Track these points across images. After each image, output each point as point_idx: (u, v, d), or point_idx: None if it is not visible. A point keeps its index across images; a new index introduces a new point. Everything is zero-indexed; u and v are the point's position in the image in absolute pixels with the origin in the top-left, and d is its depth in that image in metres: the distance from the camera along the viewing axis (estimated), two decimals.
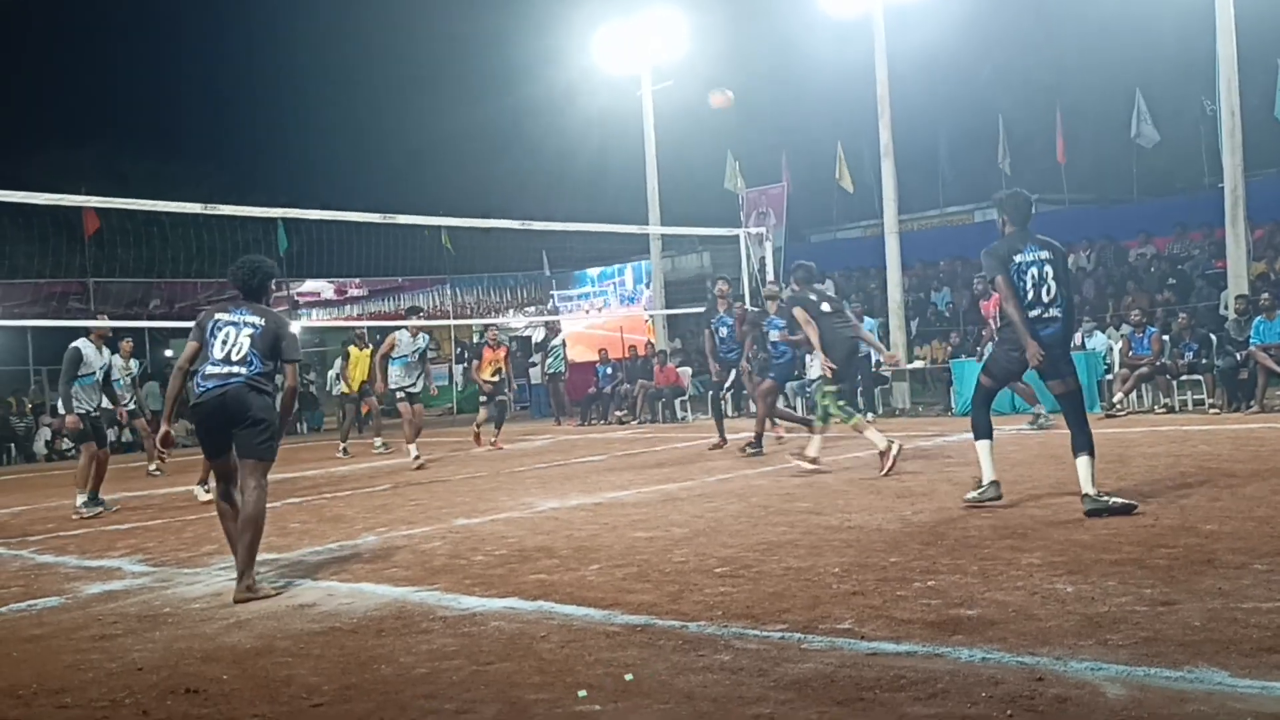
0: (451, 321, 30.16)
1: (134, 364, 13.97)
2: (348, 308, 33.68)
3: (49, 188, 10.54)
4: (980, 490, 6.86)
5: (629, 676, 3.52)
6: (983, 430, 6.90)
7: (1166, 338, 14.71)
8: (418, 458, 12.49)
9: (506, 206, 26.22)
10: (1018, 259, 6.75)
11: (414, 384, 12.85)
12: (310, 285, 30.95)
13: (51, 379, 24.08)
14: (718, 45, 26.15)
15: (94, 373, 10.11)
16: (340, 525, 8.06)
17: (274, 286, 6.36)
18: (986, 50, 31.29)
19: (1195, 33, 17.80)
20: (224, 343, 5.81)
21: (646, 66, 22.56)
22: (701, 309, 14.53)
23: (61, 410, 10.12)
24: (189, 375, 5.98)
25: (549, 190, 37.93)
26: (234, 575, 5.60)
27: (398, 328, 13.07)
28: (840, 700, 3.35)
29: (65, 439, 10.23)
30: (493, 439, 15.11)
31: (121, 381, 12.85)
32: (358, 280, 31.13)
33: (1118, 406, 13.92)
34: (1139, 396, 14.54)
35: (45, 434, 21.64)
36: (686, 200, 25.87)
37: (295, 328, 11.17)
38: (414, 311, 14.05)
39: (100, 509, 9.93)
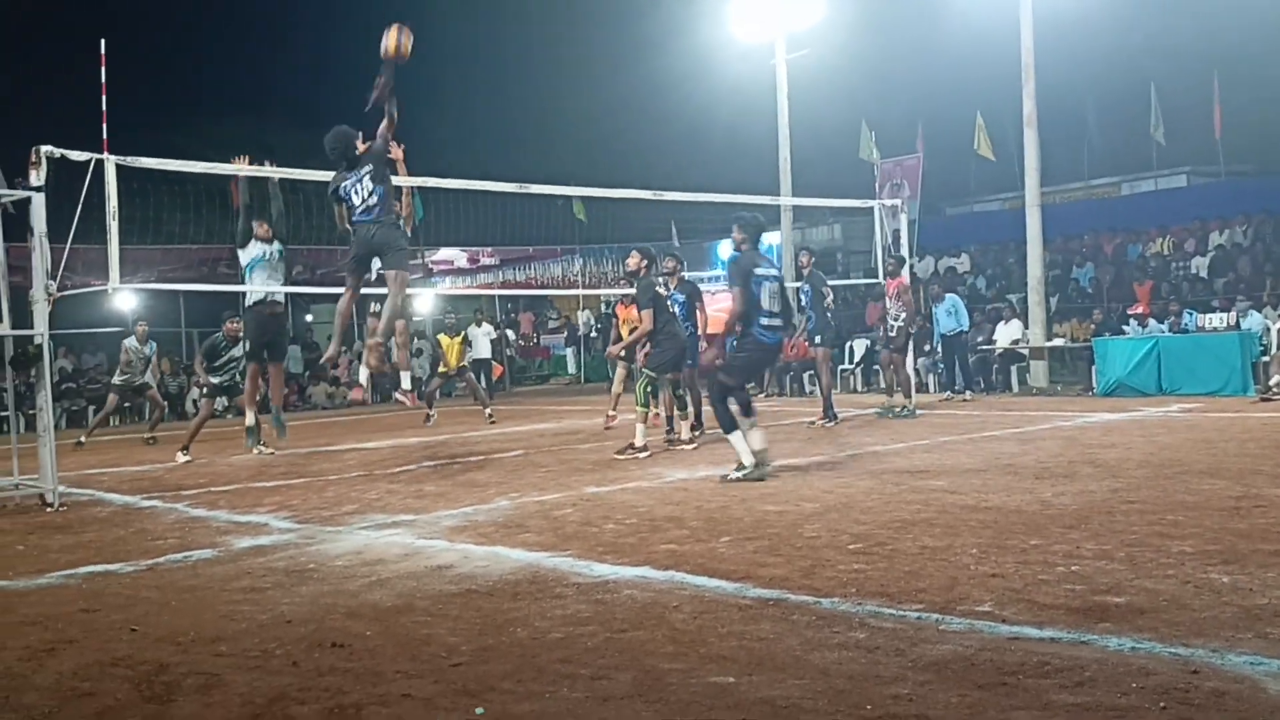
0: (580, 291, 30.43)
1: (150, 347, 15.52)
2: (479, 276, 34.29)
3: (201, 158, 10.93)
4: (745, 471, 7.69)
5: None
6: (729, 424, 7.82)
7: None
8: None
9: (637, 176, 26.18)
10: (758, 271, 7.96)
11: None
12: (444, 253, 31.58)
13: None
14: (854, 11, 25.58)
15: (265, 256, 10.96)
16: (474, 490, 8.23)
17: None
18: (1139, 15, 29.89)
19: None
20: None
21: (781, 34, 22.26)
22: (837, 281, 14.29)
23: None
24: None
25: (680, 160, 37.80)
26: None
27: (524, 295, 12.67)
28: (981, 684, 3.27)
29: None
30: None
31: (135, 363, 15.04)
32: (489, 249, 31.61)
33: (1274, 390, 13.25)
34: None
35: (195, 393, 22.66)
36: (818, 170, 25.48)
37: (429, 294, 11.62)
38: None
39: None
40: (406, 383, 9.25)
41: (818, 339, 12.70)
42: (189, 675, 3.77)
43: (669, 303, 10.89)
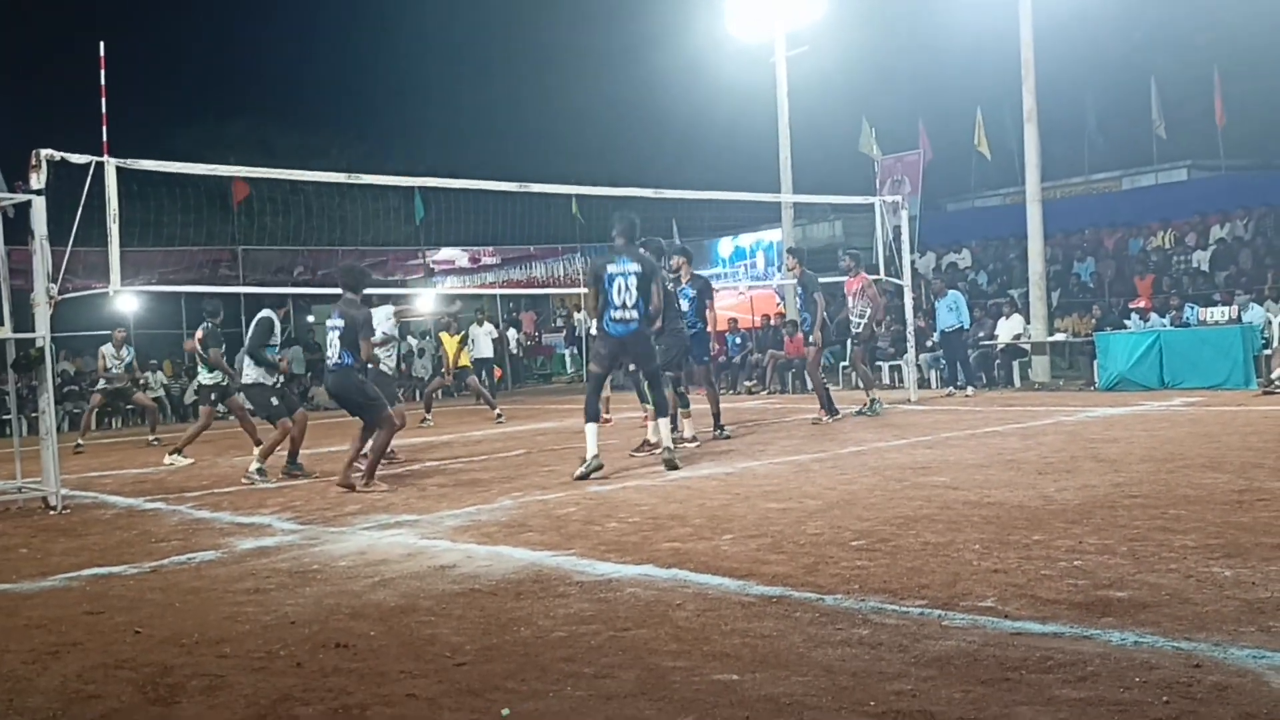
0: (582, 290, 30.45)
1: (127, 351, 15.63)
2: (481, 275, 34.29)
3: (201, 160, 10.93)
4: (586, 465, 8.45)
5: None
6: (592, 415, 8.69)
7: None
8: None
9: (637, 175, 26.25)
10: (611, 269, 8.60)
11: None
12: (445, 253, 31.56)
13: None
14: (854, 9, 25.60)
15: (277, 345, 10.17)
16: (476, 489, 8.24)
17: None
18: (1140, 7, 29.89)
19: None
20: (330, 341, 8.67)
21: (780, 32, 22.24)
22: (836, 278, 14.21)
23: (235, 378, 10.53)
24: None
25: (680, 158, 37.90)
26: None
27: (525, 295, 12.84)
28: (984, 680, 3.27)
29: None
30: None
31: (113, 369, 15.18)
32: (491, 249, 31.61)
33: (1276, 383, 13.24)
34: None
35: (191, 393, 22.76)
36: (819, 167, 25.49)
37: (430, 294, 11.54)
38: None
39: (299, 473, 9.88)
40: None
41: (810, 338, 12.64)
42: (193, 677, 3.77)
43: (678, 298, 10.86)
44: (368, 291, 9.29)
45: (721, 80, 27.00)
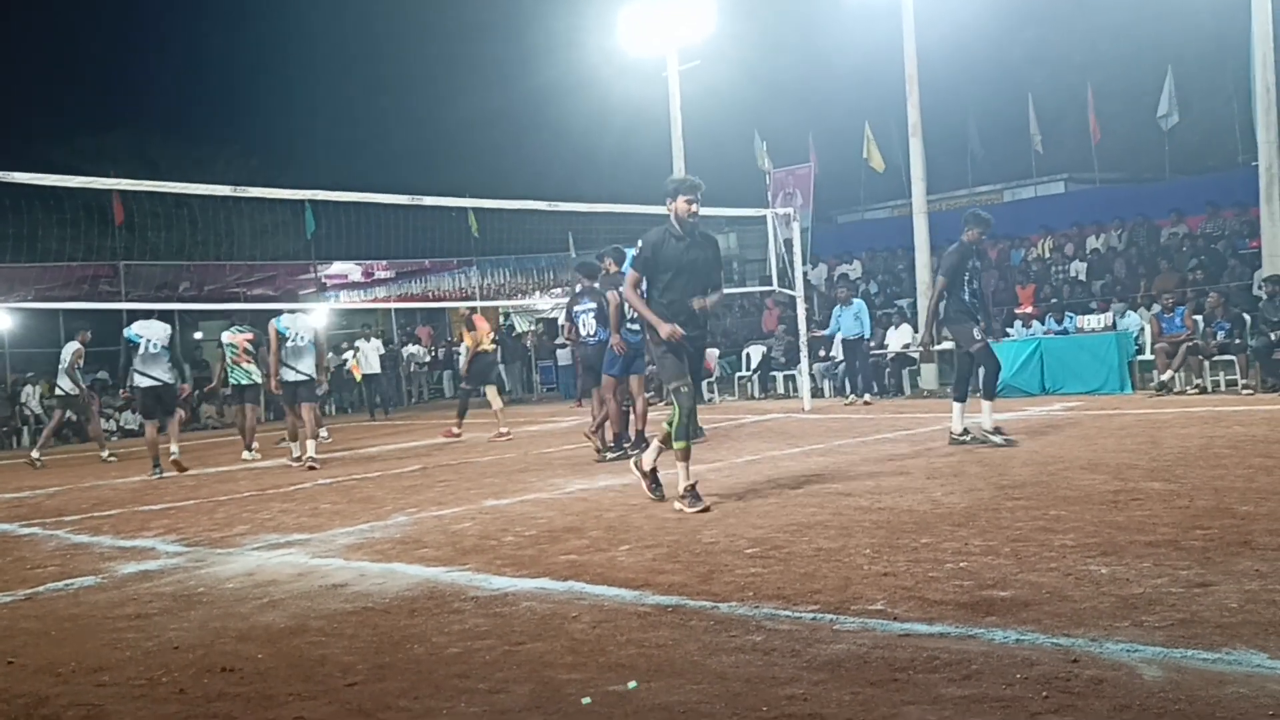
0: (478, 303, 30.24)
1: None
2: (374, 290, 33.81)
3: (80, 173, 10.57)
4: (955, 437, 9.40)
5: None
6: (960, 396, 9.73)
7: (1198, 317, 14.55)
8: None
9: (532, 188, 26.11)
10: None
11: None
12: (338, 267, 31.03)
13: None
14: (745, 24, 26.01)
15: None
16: (371, 506, 8.11)
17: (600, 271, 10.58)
18: (1017, 27, 31.00)
19: (1230, 8, 17.54)
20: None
21: (672, 47, 22.43)
22: (738, 288, 14.37)
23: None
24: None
25: (575, 172, 37.96)
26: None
27: (421, 309, 13.09)
28: (874, 681, 3.34)
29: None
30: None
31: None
32: (384, 262, 31.20)
33: (1164, 384, 13.75)
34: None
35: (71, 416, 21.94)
36: (713, 180, 25.68)
37: (323, 310, 11.65)
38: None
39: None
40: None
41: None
42: (70, 707, 3.63)
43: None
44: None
45: (615, 94, 27.14)
